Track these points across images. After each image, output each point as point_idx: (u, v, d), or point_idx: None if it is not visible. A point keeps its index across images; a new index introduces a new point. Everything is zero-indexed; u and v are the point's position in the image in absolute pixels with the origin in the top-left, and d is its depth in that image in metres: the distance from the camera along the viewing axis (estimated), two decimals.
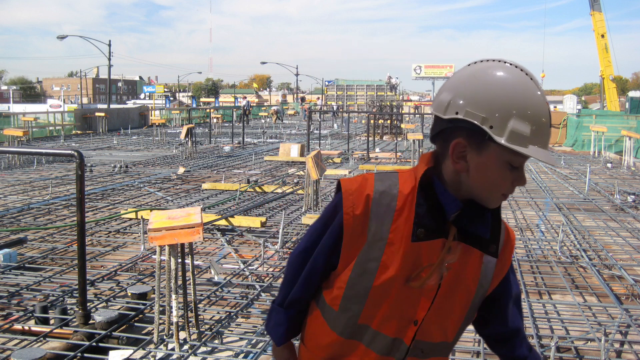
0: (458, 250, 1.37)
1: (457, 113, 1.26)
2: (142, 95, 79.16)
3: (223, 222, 7.45)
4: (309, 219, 7.69)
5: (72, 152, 4.17)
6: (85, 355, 3.78)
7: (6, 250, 5.94)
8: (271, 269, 5.84)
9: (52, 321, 4.34)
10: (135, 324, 4.34)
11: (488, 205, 1.36)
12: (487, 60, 1.29)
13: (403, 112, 28.20)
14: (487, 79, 1.26)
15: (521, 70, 1.26)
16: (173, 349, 3.83)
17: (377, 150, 18.42)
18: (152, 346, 3.88)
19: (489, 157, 1.27)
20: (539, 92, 1.26)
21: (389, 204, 1.34)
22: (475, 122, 1.24)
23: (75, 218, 4.78)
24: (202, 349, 3.91)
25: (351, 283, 1.40)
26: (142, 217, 7.14)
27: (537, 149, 1.25)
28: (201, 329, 4.12)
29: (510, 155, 1.26)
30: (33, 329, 4.17)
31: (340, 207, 1.38)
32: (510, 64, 1.27)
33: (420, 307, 1.39)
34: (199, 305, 4.61)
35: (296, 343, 1.62)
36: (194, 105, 50.25)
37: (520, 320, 1.59)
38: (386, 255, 1.35)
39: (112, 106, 38.62)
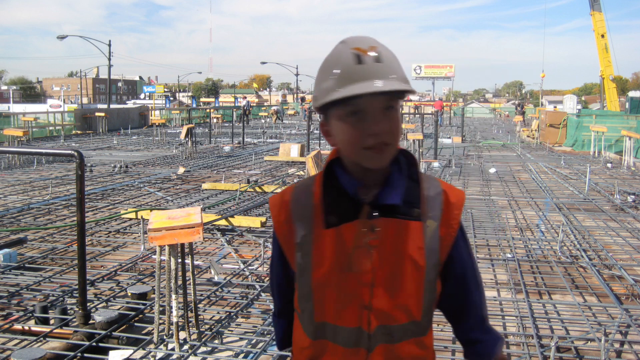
0: (382, 226, 1.37)
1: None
2: (142, 95, 79.18)
3: (223, 222, 7.45)
4: None
5: (72, 152, 4.17)
6: (85, 355, 3.78)
7: (6, 250, 5.94)
8: None
9: (52, 321, 4.34)
10: (135, 324, 4.34)
11: (366, 165, 1.34)
12: None
13: (403, 112, 28.18)
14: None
15: (340, 42, 1.32)
16: (173, 349, 3.83)
17: None
18: (152, 346, 3.88)
19: (333, 121, 1.34)
20: (348, 49, 1.29)
21: (306, 203, 1.41)
22: (315, 103, 1.36)
23: (75, 218, 4.78)
24: (202, 349, 3.91)
25: (298, 284, 1.46)
26: (142, 217, 7.14)
27: (350, 88, 1.26)
28: (201, 329, 4.13)
29: (339, 110, 1.31)
30: (33, 329, 4.17)
31: (273, 225, 1.49)
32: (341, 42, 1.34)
33: (364, 291, 1.39)
34: (199, 305, 4.61)
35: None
36: (194, 105, 50.25)
37: (473, 296, 1.54)
38: (315, 250, 1.40)
39: (112, 106, 38.62)
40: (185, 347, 3.91)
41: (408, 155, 1.46)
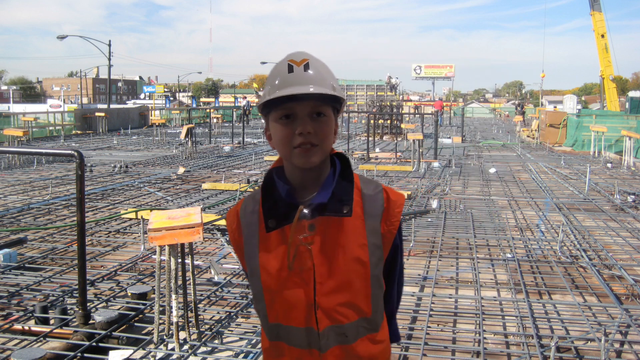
0: (320, 225, 1.45)
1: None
2: (142, 95, 79.09)
3: (223, 222, 7.44)
4: None
5: (72, 152, 4.17)
6: (85, 355, 3.78)
7: (6, 250, 5.95)
8: None
9: (52, 321, 4.34)
10: (135, 324, 4.34)
11: (296, 163, 1.46)
12: None
13: (403, 112, 28.18)
14: None
15: (285, 59, 1.46)
16: (173, 349, 3.83)
17: (377, 150, 18.41)
18: (152, 346, 3.88)
19: (271, 124, 1.49)
20: (285, 61, 1.44)
21: (252, 210, 1.53)
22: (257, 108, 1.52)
23: (75, 218, 4.78)
24: (202, 349, 3.91)
25: (250, 287, 1.55)
26: (142, 217, 7.14)
27: (283, 91, 1.41)
28: (201, 329, 4.12)
29: (275, 114, 1.45)
30: (33, 329, 4.17)
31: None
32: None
33: (308, 289, 1.46)
34: (199, 305, 4.61)
35: None
36: (194, 105, 50.21)
37: (392, 292, 1.64)
38: (261, 252, 1.49)
39: (112, 106, 38.61)
40: (185, 347, 3.91)
41: (342, 158, 1.56)
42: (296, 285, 1.46)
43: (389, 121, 24.82)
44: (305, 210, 1.45)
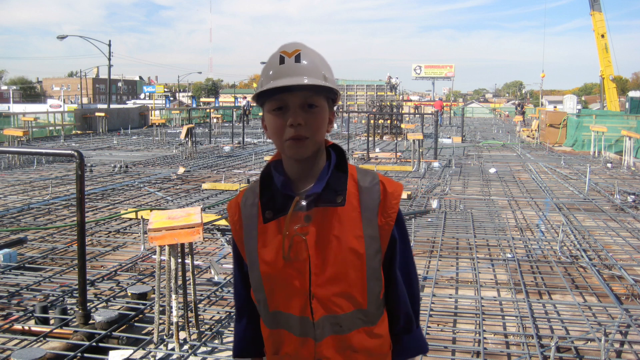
0: (315, 216, 1.46)
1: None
2: (142, 95, 79.06)
3: (223, 222, 7.45)
4: None
5: (72, 152, 4.17)
6: (85, 355, 3.78)
7: (6, 250, 5.95)
8: None
9: (52, 321, 4.34)
10: (135, 324, 4.34)
11: (289, 154, 1.47)
12: None
13: (403, 112, 28.17)
14: None
15: (278, 50, 1.46)
16: (173, 349, 3.83)
17: (377, 150, 18.41)
18: (152, 346, 3.88)
19: (265, 115, 1.49)
20: (277, 55, 1.45)
21: (252, 203, 1.53)
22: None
23: (75, 218, 4.78)
24: (202, 349, 3.91)
25: (251, 278, 1.55)
26: (142, 217, 7.14)
27: (273, 83, 1.42)
28: (201, 329, 4.12)
29: (268, 105, 1.46)
30: (33, 329, 4.17)
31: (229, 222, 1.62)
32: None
33: (304, 279, 1.47)
34: (199, 305, 4.61)
35: None
36: (194, 105, 50.21)
37: (401, 293, 1.57)
38: (260, 243, 1.50)
39: (112, 106, 38.60)
40: (185, 347, 3.91)
41: (338, 150, 1.56)
42: (292, 275, 1.47)
43: (389, 121, 24.80)
44: (303, 202, 1.46)
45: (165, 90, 67.48)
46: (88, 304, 4.30)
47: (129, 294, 4.84)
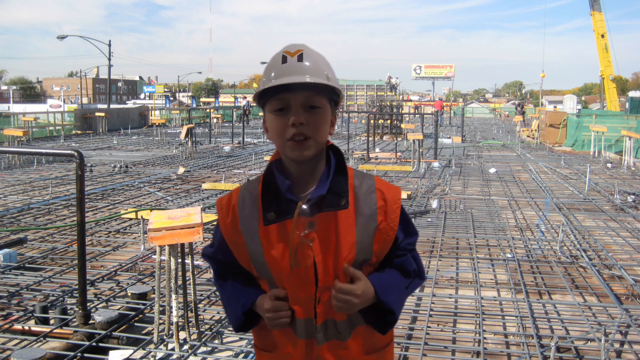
0: (319, 222, 1.45)
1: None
2: (142, 95, 79.08)
3: None
4: None
5: (72, 152, 4.17)
6: (85, 355, 3.78)
7: (6, 250, 5.94)
8: None
9: (52, 321, 4.33)
10: (135, 324, 4.34)
11: (290, 155, 1.46)
12: None
13: (403, 112, 28.17)
14: None
15: (281, 50, 1.46)
16: (173, 349, 3.83)
17: (377, 150, 18.41)
18: (152, 346, 3.88)
19: (267, 115, 1.49)
20: (280, 55, 1.45)
21: (251, 205, 1.50)
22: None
23: (75, 218, 4.78)
24: (202, 349, 3.91)
25: (265, 278, 1.53)
26: (142, 217, 7.13)
27: (275, 81, 1.41)
28: (201, 329, 4.12)
29: (270, 105, 1.45)
30: (33, 329, 4.17)
31: (218, 221, 1.59)
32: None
33: (311, 285, 1.47)
34: (199, 305, 4.61)
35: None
36: (194, 105, 50.20)
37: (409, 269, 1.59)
38: (265, 246, 1.48)
39: (112, 106, 38.60)
40: (185, 347, 3.91)
41: (336, 151, 1.54)
42: (298, 280, 1.47)
43: (389, 121, 24.80)
44: (304, 206, 1.45)
45: (165, 90, 67.49)
46: (88, 304, 4.30)
47: (129, 294, 4.84)
